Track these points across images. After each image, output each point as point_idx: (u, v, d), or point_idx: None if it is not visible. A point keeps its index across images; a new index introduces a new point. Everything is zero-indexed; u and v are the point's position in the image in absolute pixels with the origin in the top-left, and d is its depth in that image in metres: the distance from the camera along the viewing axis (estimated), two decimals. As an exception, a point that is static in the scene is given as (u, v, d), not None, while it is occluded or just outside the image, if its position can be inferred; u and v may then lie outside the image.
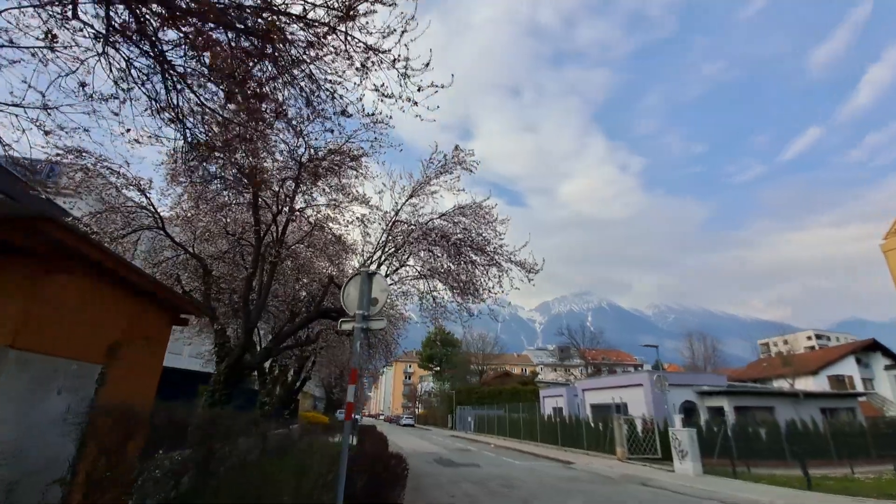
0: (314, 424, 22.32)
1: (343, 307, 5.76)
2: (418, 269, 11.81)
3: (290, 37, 4.82)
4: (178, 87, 5.44)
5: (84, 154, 9.60)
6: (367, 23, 4.59)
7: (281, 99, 5.64)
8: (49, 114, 5.90)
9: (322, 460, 8.00)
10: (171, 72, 5.22)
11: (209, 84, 5.99)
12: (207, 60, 4.88)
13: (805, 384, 49.47)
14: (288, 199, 9.88)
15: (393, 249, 11.03)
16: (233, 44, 4.80)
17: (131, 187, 10.13)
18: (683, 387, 28.19)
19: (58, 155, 9.19)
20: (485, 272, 10.60)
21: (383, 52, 4.82)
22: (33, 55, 5.37)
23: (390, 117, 5.17)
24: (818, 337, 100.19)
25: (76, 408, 4.79)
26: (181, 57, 5.18)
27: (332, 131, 6.35)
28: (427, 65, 4.78)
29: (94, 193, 10.06)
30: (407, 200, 11.17)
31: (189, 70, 5.24)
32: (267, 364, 18.37)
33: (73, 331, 4.91)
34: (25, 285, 4.13)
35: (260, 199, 9.92)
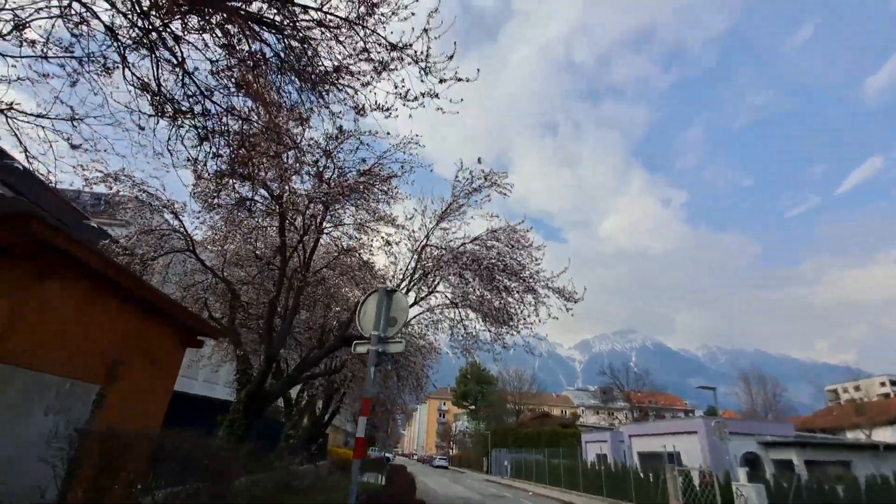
0: (346, 461, 21.45)
1: (358, 328, 5.22)
2: (448, 295, 11.18)
3: (305, 33, 4.55)
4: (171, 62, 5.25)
5: (124, 177, 9.82)
6: (390, 13, 4.23)
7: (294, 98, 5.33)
8: (75, 126, 5.90)
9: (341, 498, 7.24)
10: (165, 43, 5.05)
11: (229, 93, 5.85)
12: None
13: (883, 435, 43.98)
14: (315, 219, 9.64)
15: (422, 274, 10.50)
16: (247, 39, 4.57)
17: (165, 210, 10.23)
18: (744, 436, 25.48)
19: (97, 178, 9.45)
20: (520, 300, 9.83)
21: (404, 47, 4.45)
22: (61, 66, 5.40)
23: (410, 116, 4.76)
24: (893, 383, 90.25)
25: (64, 431, 4.38)
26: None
27: (340, 128, 6.06)
28: (451, 57, 4.37)
29: (129, 215, 10.24)
30: (437, 224, 10.72)
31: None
32: (294, 395, 17.90)
33: (68, 345, 4.57)
34: (11, 291, 3.83)
35: (287, 221, 9.73)
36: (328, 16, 4.44)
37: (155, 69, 5.39)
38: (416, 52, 4.50)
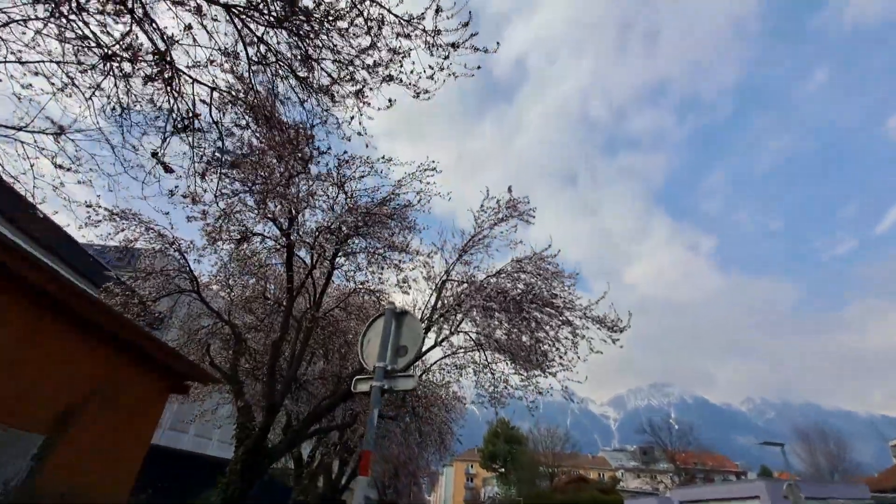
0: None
1: (361, 361, 4.23)
2: (472, 335, 10.08)
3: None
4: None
5: (130, 216, 9.44)
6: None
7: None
8: (59, 143, 5.41)
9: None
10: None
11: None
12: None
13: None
14: (324, 249, 8.89)
15: (442, 312, 9.47)
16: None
17: (170, 248, 9.70)
18: (815, 500, 22.28)
19: (103, 217, 9.06)
20: (554, 336, 8.61)
21: (411, 20, 3.81)
22: (36, 74, 4.97)
23: (418, 96, 4.06)
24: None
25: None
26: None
27: (350, 155, 5.43)
28: (466, 25, 3.69)
29: (145, 262, 9.78)
30: (459, 258, 9.85)
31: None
32: (306, 454, 16.38)
33: (4, 385, 3.72)
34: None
35: (294, 255, 9.01)
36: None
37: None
38: (425, 28, 3.87)
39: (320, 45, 4.65)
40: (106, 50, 4.80)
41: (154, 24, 4.68)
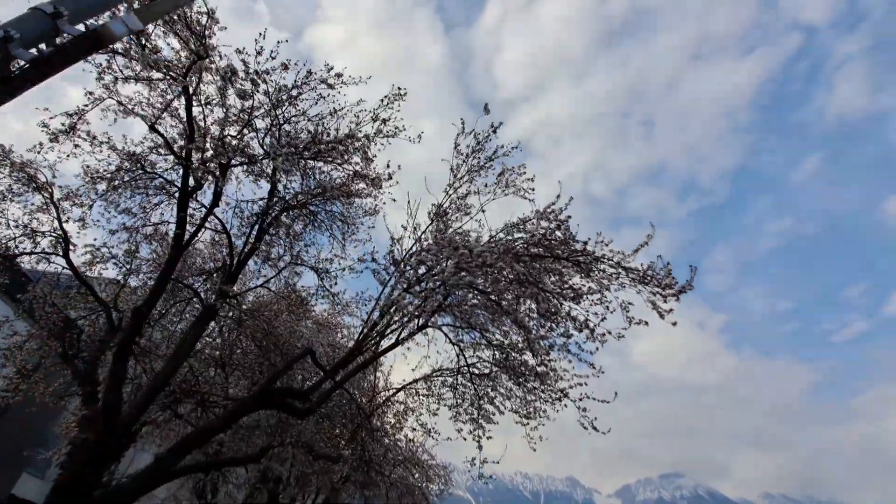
0: None
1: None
2: (449, 334, 7.06)
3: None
4: None
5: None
6: None
7: None
8: None
9: None
10: None
11: None
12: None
13: None
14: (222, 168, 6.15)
15: (406, 289, 6.52)
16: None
17: (40, 194, 7.08)
18: None
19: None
20: (568, 298, 5.55)
21: None
22: None
23: None
24: None
25: None
26: None
27: None
28: None
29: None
30: (434, 222, 7.11)
31: None
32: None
33: None
34: None
35: (194, 194, 6.30)
36: None
37: None
38: None
39: None
40: None
41: None
